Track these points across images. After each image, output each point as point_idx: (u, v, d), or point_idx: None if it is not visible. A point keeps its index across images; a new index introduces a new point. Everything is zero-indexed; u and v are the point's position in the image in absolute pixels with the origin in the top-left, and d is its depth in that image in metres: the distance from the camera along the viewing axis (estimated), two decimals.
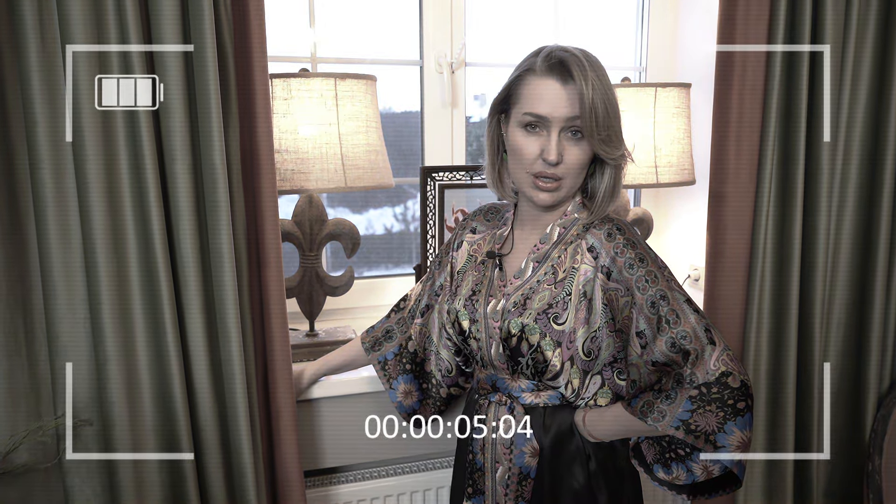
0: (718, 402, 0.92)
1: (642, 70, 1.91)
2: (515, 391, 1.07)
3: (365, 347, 1.28)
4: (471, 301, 1.09)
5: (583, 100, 0.94)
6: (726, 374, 0.93)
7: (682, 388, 0.95)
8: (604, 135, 0.97)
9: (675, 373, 0.97)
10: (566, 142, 0.99)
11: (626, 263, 0.99)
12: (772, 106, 1.38)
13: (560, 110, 0.96)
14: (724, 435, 0.92)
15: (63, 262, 1.08)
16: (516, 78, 1.01)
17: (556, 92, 0.96)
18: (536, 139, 0.99)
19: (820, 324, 1.50)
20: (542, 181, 1.00)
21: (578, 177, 1.02)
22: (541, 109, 0.97)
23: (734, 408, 0.92)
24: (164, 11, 1.03)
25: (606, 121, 0.96)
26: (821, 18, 1.38)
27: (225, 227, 1.10)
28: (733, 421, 0.92)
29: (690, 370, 0.95)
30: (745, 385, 0.93)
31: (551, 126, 0.98)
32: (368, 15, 1.70)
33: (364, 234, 1.86)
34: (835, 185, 1.47)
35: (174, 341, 1.11)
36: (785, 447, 1.50)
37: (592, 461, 1.04)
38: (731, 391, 0.93)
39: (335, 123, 1.32)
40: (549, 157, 0.97)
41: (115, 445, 1.12)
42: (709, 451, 0.93)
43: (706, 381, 0.94)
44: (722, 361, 0.94)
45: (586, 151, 1.00)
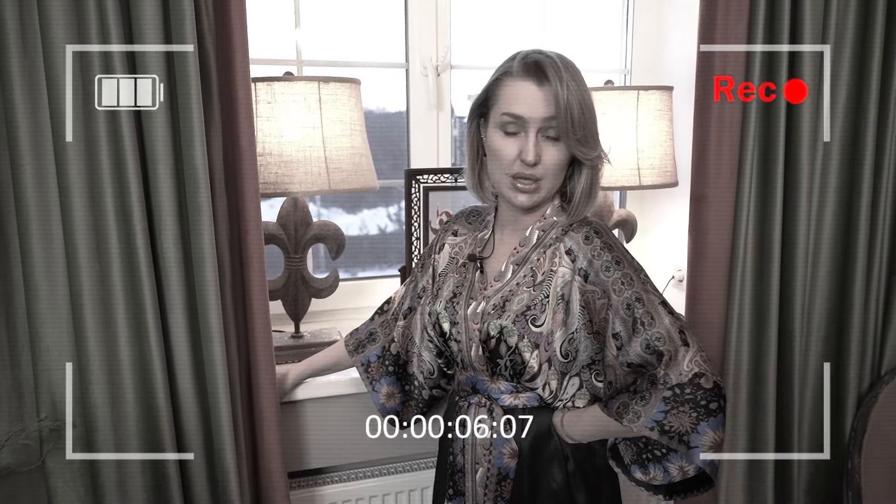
0: (692, 403, 0.94)
1: (627, 72, 1.93)
2: (495, 393, 1.08)
3: (348, 350, 1.29)
4: (451, 303, 1.10)
5: (558, 100, 0.96)
6: (699, 374, 0.95)
7: (656, 389, 0.97)
8: (579, 135, 0.98)
9: (650, 374, 0.99)
10: (543, 143, 1.00)
11: (602, 266, 1.00)
12: (751, 107, 1.40)
13: (537, 111, 0.98)
14: (697, 435, 0.94)
15: (45, 263, 1.08)
16: (494, 81, 1.03)
17: (533, 93, 0.98)
18: (514, 140, 1.00)
19: (800, 324, 1.52)
20: (521, 182, 1.01)
21: (556, 178, 1.03)
22: (518, 110, 0.99)
23: (707, 408, 0.94)
24: (146, 12, 1.03)
25: (582, 121, 0.98)
26: (799, 19, 1.40)
27: (207, 229, 1.11)
28: (706, 421, 0.94)
29: (664, 371, 0.97)
30: (717, 386, 0.95)
31: (529, 127, 0.99)
32: (354, 18, 1.71)
33: (358, 234, 1.87)
34: (815, 185, 1.49)
35: (157, 343, 1.11)
36: (766, 447, 1.52)
37: (571, 462, 1.06)
38: (704, 392, 0.94)
39: (319, 127, 1.33)
40: (527, 158, 0.98)
41: (98, 447, 1.12)
42: (682, 452, 0.95)
43: (679, 382, 0.95)
44: (695, 363, 0.95)
45: (563, 152, 1.01)
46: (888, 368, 1.61)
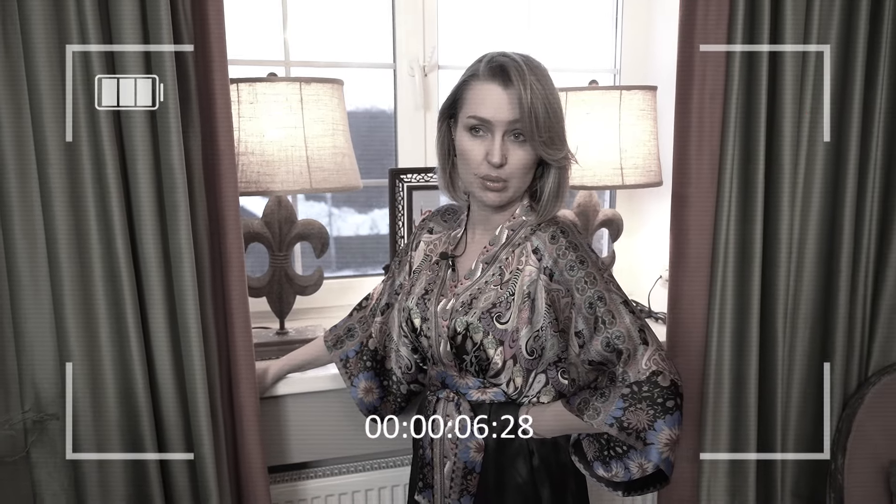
0: (648, 401, 0.95)
1: (616, 72, 1.93)
2: (463, 388, 1.10)
3: (327, 345, 1.31)
4: (423, 300, 1.12)
5: (521, 103, 0.97)
6: (657, 373, 0.96)
7: (615, 386, 0.98)
8: (545, 137, 0.99)
9: (609, 371, 1.00)
10: (510, 144, 1.01)
11: (567, 265, 1.02)
12: (731, 107, 1.40)
13: (502, 113, 0.99)
14: (654, 432, 0.95)
15: (28, 260, 1.11)
16: (462, 83, 1.04)
17: (498, 95, 0.99)
18: (481, 142, 1.02)
19: (783, 324, 1.52)
20: (489, 182, 1.03)
21: (524, 178, 1.05)
22: (484, 113, 1.00)
23: (664, 406, 0.95)
24: (124, 14, 1.06)
25: (547, 123, 0.99)
26: (781, 19, 1.40)
27: (184, 227, 1.13)
28: (663, 419, 0.94)
29: (623, 369, 0.98)
30: (674, 384, 0.96)
31: (495, 129, 1.00)
32: (342, 19, 1.73)
33: (368, 234, 1.89)
34: (798, 185, 1.49)
35: (137, 339, 1.14)
36: (748, 447, 1.52)
37: (535, 457, 1.07)
38: (661, 390, 0.95)
39: (300, 126, 1.35)
40: (493, 160, 1.00)
41: (79, 440, 1.15)
42: (639, 448, 0.96)
43: (637, 380, 0.96)
44: (653, 361, 0.96)
45: (530, 153, 1.02)
46: (875, 370, 1.61)
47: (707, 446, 1.52)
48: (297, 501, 1.46)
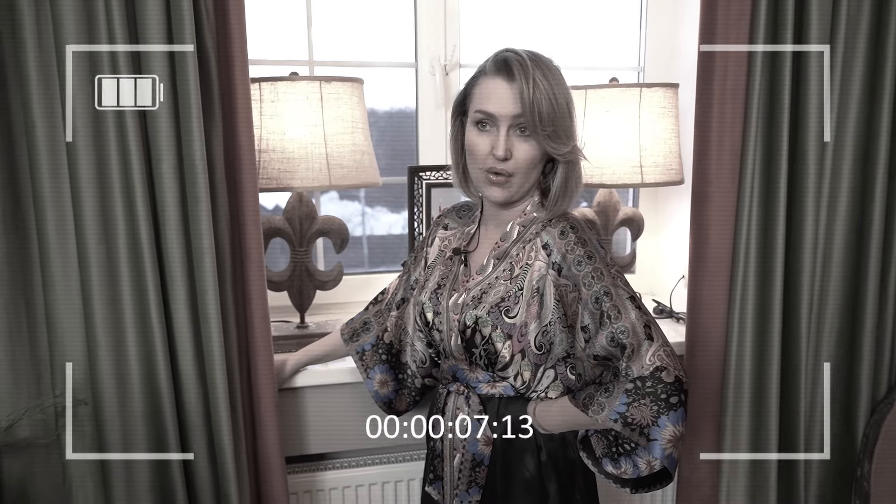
0: (652, 396, 0.95)
1: (640, 70, 1.92)
2: (473, 381, 1.11)
3: (344, 338, 1.34)
4: (436, 294, 1.13)
5: (523, 96, 0.99)
6: (661, 368, 0.95)
7: (619, 381, 0.98)
8: (549, 130, 1.00)
9: (613, 366, 1.00)
10: (515, 139, 1.02)
11: (575, 260, 1.02)
12: (753, 105, 1.38)
13: (506, 108, 1.01)
14: (657, 429, 0.94)
15: (60, 253, 1.16)
16: (472, 80, 1.06)
17: (503, 90, 1.00)
18: (487, 136, 1.03)
19: (808, 325, 1.49)
20: (494, 176, 1.04)
21: (529, 174, 1.05)
22: (489, 107, 1.02)
23: (667, 402, 0.94)
24: (149, 14, 1.10)
25: (551, 116, 1.00)
26: (806, 18, 1.37)
27: (206, 223, 1.17)
28: (666, 415, 0.94)
29: (626, 364, 0.98)
30: (679, 380, 0.95)
31: (500, 123, 1.02)
32: (365, 19, 1.76)
33: (400, 233, 1.92)
34: (824, 186, 1.46)
35: (160, 329, 1.18)
36: (768, 448, 1.49)
37: (543, 452, 1.08)
38: (665, 386, 0.95)
39: (320, 124, 1.38)
40: (497, 153, 1.01)
41: (105, 425, 1.20)
42: (643, 444, 0.96)
43: (641, 375, 0.96)
44: (658, 357, 0.96)
45: (535, 148, 1.03)
46: None
47: (727, 447, 1.50)
48: (315, 492, 1.49)
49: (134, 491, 1.21)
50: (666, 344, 0.98)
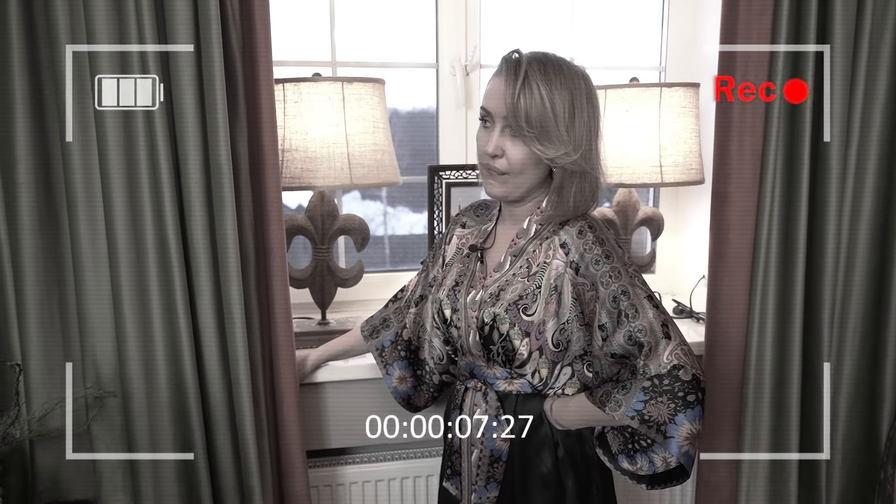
0: (669, 394, 0.95)
1: (662, 69, 1.91)
2: (490, 378, 1.12)
3: (364, 335, 1.36)
4: (453, 291, 1.15)
5: (506, 96, 1.00)
6: (678, 367, 0.96)
7: (636, 379, 0.99)
8: (535, 132, 1.00)
9: (631, 364, 1.00)
10: (507, 138, 1.04)
11: (592, 259, 1.03)
12: (774, 104, 1.37)
13: (498, 107, 1.03)
14: (674, 426, 0.95)
15: (91, 251, 1.20)
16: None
17: (499, 90, 1.02)
18: (487, 133, 1.05)
19: (829, 327, 1.48)
20: (487, 171, 1.07)
21: (525, 172, 1.05)
22: (487, 104, 1.05)
23: (685, 400, 0.95)
24: (178, 18, 1.13)
25: (540, 119, 0.99)
26: (829, 16, 1.36)
27: (230, 220, 1.20)
28: (683, 413, 0.94)
29: (644, 362, 0.98)
30: (696, 379, 0.96)
31: (495, 121, 1.04)
32: (387, 20, 1.78)
33: (422, 232, 1.94)
34: (847, 186, 1.44)
35: (186, 326, 1.22)
36: (788, 448, 1.48)
37: (560, 448, 1.09)
38: (682, 384, 0.95)
39: (342, 124, 1.41)
40: (487, 148, 1.04)
41: (133, 415, 1.24)
42: (660, 442, 0.96)
43: (658, 373, 0.97)
44: (675, 355, 0.97)
45: (527, 147, 1.03)
46: None
47: (746, 447, 1.49)
48: (335, 486, 1.52)
49: (160, 481, 1.25)
50: (683, 342, 0.99)
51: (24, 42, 1.12)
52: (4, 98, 1.13)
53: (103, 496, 1.27)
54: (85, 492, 1.29)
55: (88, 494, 1.29)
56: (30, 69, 1.14)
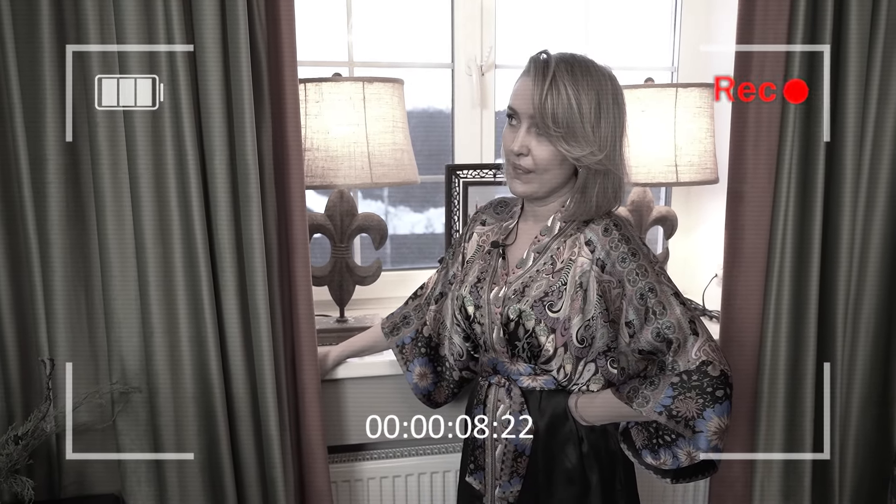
0: (698, 390, 0.97)
1: (674, 70, 1.93)
2: (514, 374, 1.14)
3: (384, 332, 1.38)
4: (476, 288, 1.17)
5: (533, 95, 1.02)
6: (706, 363, 0.98)
7: (665, 375, 1.00)
8: (562, 132, 1.01)
9: (659, 360, 1.02)
10: (533, 137, 1.05)
11: (619, 257, 1.04)
12: (790, 105, 1.39)
13: (525, 106, 1.04)
14: (703, 421, 0.97)
15: (118, 247, 1.22)
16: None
17: (527, 88, 1.04)
18: (514, 132, 1.07)
19: (843, 326, 1.49)
20: (513, 170, 1.08)
21: (551, 171, 1.07)
22: (514, 103, 1.07)
23: (713, 395, 0.96)
24: (206, 21, 1.15)
25: (566, 118, 1.01)
26: (845, 16, 1.37)
27: (256, 218, 1.22)
28: (712, 408, 0.96)
29: (672, 358, 1.00)
30: (724, 374, 0.97)
31: (522, 120, 1.05)
32: (403, 21, 1.80)
33: (423, 232, 1.96)
34: (861, 185, 1.45)
35: (211, 320, 1.23)
36: (803, 448, 1.49)
37: (585, 443, 1.10)
38: (711, 379, 0.97)
39: (362, 124, 1.43)
40: (513, 147, 1.06)
41: (159, 411, 1.25)
42: (688, 436, 0.98)
43: (687, 369, 0.98)
44: (703, 351, 0.98)
45: (551, 147, 1.04)
46: None
47: (760, 446, 1.51)
48: (353, 481, 1.54)
49: (185, 474, 1.26)
50: (710, 339, 1.01)
51: (55, 41, 1.14)
52: (34, 96, 1.15)
53: (128, 489, 1.29)
54: (110, 485, 1.31)
55: (113, 488, 1.31)
56: (59, 68, 1.15)
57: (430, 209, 1.96)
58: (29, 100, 1.15)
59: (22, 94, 1.14)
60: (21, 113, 1.15)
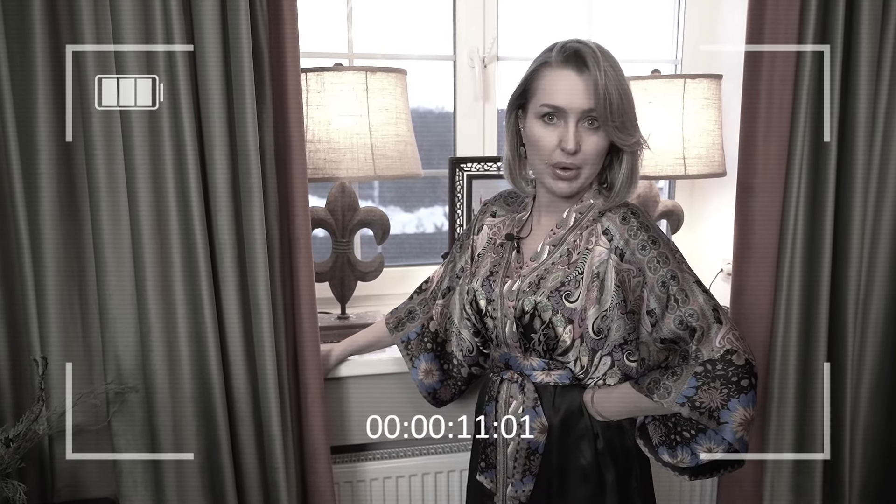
0: (723, 379, 0.94)
1: (678, 62, 1.91)
2: (527, 369, 1.10)
3: (389, 328, 1.34)
4: (488, 281, 1.13)
5: (597, 88, 0.98)
6: (731, 351, 0.95)
7: (688, 364, 0.98)
8: (618, 122, 1.00)
9: (682, 350, 1.00)
10: (583, 131, 1.02)
11: (638, 245, 1.02)
12: (802, 98, 1.37)
13: (576, 100, 1.00)
14: (727, 412, 0.94)
15: (113, 241, 1.17)
16: (532, 72, 1.05)
17: (573, 82, 1.00)
18: (554, 130, 1.02)
19: (854, 320, 1.47)
20: (561, 171, 1.03)
21: (595, 165, 1.05)
22: (557, 100, 1.01)
23: (738, 385, 0.94)
24: (206, 12, 1.11)
25: (621, 108, 0.99)
26: (856, 13, 1.35)
27: (258, 212, 1.18)
28: (737, 398, 0.94)
29: (696, 346, 0.97)
30: (749, 363, 0.95)
31: (568, 116, 1.01)
32: (404, 12, 1.76)
33: (414, 232, 1.92)
34: (871, 179, 1.44)
35: (211, 317, 1.19)
36: (814, 444, 1.47)
37: (600, 440, 1.07)
38: (736, 368, 0.94)
39: (365, 115, 1.39)
40: (568, 147, 1.00)
41: (156, 411, 1.21)
42: (713, 428, 0.95)
43: (711, 358, 0.96)
44: (727, 340, 0.96)
45: (603, 139, 1.02)
46: None
47: (771, 443, 1.48)
48: (355, 482, 1.50)
49: (183, 477, 1.22)
50: (734, 327, 0.98)
51: (47, 34, 1.10)
52: (26, 88, 1.11)
53: (124, 493, 1.24)
54: (105, 489, 1.26)
55: (108, 491, 1.26)
56: (52, 63, 1.11)
57: (421, 209, 1.93)
58: (19, 90, 1.11)
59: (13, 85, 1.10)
60: (11, 103, 1.11)
